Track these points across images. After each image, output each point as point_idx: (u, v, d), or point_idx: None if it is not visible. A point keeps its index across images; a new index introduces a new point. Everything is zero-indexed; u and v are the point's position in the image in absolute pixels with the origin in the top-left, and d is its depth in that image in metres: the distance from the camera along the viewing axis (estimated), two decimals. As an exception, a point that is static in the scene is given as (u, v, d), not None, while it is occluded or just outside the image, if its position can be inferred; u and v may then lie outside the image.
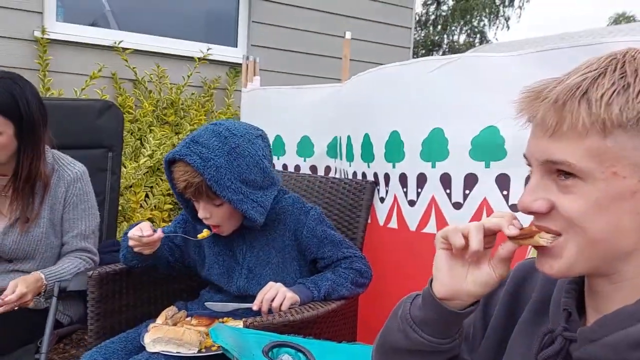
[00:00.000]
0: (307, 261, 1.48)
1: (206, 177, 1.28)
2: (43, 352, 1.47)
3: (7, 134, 1.52)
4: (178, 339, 1.24)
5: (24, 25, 2.96)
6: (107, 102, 2.17)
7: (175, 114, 3.17)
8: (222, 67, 3.55)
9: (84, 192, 1.71)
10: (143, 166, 2.74)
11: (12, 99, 1.51)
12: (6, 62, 2.86)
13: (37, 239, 1.63)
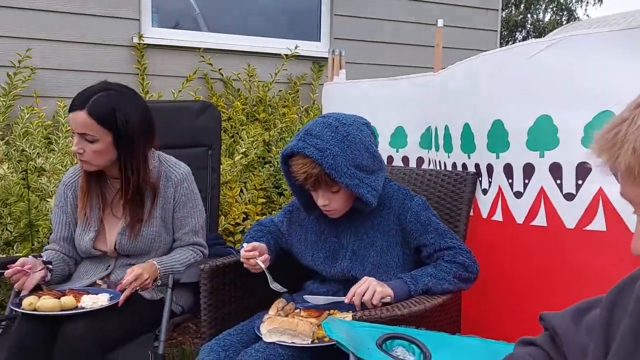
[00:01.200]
0: (411, 248, 1.48)
1: (324, 166, 1.34)
2: (162, 340, 1.57)
3: (104, 142, 1.61)
4: (292, 330, 1.27)
5: (124, 32, 3.16)
6: (205, 102, 2.27)
7: (264, 111, 3.26)
8: (306, 62, 3.60)
9: (190, 190, 1.81)
10: (238, 163, 2.84)
11: (112, 111, 1.60)
12: (109, 68, 3.07)
13: (151, 237, 1.74)
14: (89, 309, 1.49)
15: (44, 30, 2.96)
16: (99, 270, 1.76)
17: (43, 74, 2.93)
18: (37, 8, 2.95)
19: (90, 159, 1.61)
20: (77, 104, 1.59)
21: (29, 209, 2.38)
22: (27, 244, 2.39)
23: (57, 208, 1.80)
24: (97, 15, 3.09)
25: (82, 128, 1.58)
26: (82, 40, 3.06)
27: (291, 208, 1.65)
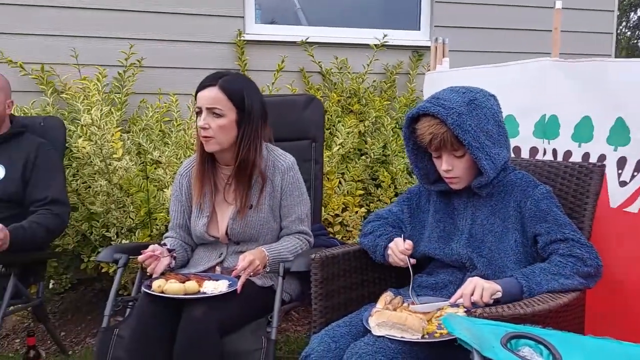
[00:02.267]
0: (528, 237, 1.44)
1: (449, 122, 1.38)
2: (274, 327, 1.63)
3: (229, 118, 1.72)
4: (401, 324, 1.26)
5: (228, 29, 3.28)
6: (310, 96, 2.30)
7: (359, 103, 3.25)
8: (404, 51, 3.53)
9: (296, 179, 1.86)
10: (336, 154, 2.86)
11: (241, 90, 1.74)
12: (212, 64, 3.20)
13: (259, 223, 1.81)
14: (209, 294, 1.57)
15: (153, 30, 3.15)
16: (212, 257, 1.85)
17: (153, 72, 3.13)
18: (145, 10, 3.15)
19: (215, 134, 1.71)
20: (208, 82, 1.73)
21: (147, 198, 2.56)
22: (146, 230, 2.58)
23: (173, 197, 1.92)
24: (202, 15, 3.23)
25: (212, 102, 1.70)
26: (188, 39, 3.21)
27: (409, 195, 1.68)
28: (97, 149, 2.50)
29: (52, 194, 2.19)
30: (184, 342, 1.52)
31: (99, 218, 2.61)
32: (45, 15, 3.00)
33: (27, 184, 2.18)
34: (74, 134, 2.64)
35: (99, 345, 1.66)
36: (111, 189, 2.53)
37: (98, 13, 3.07)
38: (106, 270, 2.67)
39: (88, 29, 3.05)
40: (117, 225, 2.58)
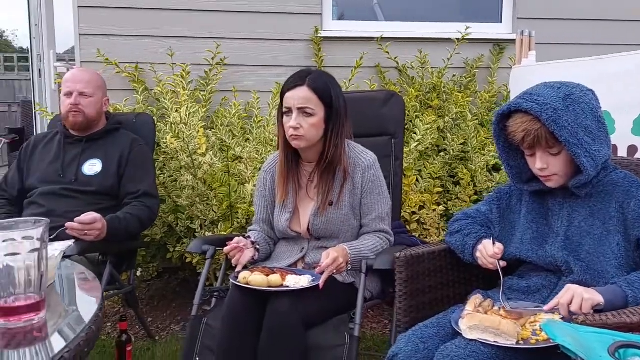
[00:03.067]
0: (631, 241, 1.35)
1: (544, 118, 1.32)
2: (357, 323, 1.63)
3: (319, 116, 1.74)
4: (495, 329, 1.22)
5: (305, 26, 3.31)
6: (390, 92, 2.28)
7: (438, 98, 3.18)
8: (485, 45, 3.42)
9: (377, 177, 1.85)
10: (414, 150, 2.82)
11: (327, 87, 1.76)
12: (289, 62, 3.25)
13: (340, 220, 1.82)
14: (292, 288, 1.61)
15: (235, 29, 3.25)
16: (294, 252, 1.88)
17: (234, 70, 3.22)
18: (228, 10, 3.24)
19: (306, 133, 1.73)
20: (296, 81, 1.74)
21: (229, 192, 2.65)
22: (228, 223, 2.67)
23: (257, 193, 1.97)
24: (280, 13, 3.29)
25: (303, 102, 1.72)
26: (266, 37, 3.28)
27: (499, 195, 1.61)
28: (184, 145, 2.61)
29: (144, 188, 2.32)
30: (269, 334, 1.56)
31: (184, 210, 2.73)
32: (140, 16, 3.17)
33: (121, 177, 2.32)
34: (163, 130, 2.77)
35: (190, 333, 1.74)
36: (196, 183, 2.64)
37: (187, 14, 3.21)
38: (190, 260, 2.79)
39: (179, 30, 3.18)
40: (200, 217, 2.69)
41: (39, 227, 0.91)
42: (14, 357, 0.80)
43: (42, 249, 0.90)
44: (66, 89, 2.34)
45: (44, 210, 2.21)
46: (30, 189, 2.32)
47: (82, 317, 0.94)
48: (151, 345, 2.49)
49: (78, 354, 0.82)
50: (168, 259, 2.88)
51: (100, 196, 2.29)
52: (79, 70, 2.48)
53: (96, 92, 2.37)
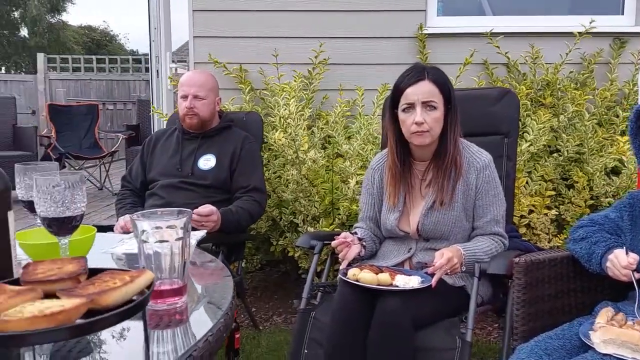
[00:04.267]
0: None
1: None
2: (469, 328, 1.59)
3: (441, 110, 1.72)
4: (634, 344, 1.13)
5: (409, 23, 3.27)
6: (504, 89, 2.19)
7: (552, 95, 3.00)
8: (604, 39, 3.17)
9: (492, 178, 1.78)
10: (525, 151, 2.69)
11: (446, 80, 1.74)
12: (392, 59, 3.23)
13: (451, 221, 1.77)
14: (402, 288, 1.59)
15: (338, 28, 3.28)
16: (401, 251, 1.87)
17: (337, 69, 3.25)
18: (331, 9, 3.28)
19: (431, 127, 1.70)
20: (417, 76, 1.71)
21: (332, 189, 2.69)
22: (329, 219, 2.71)
23: (364, 190, 1.97)
24: (383, 11, 3.27)
25: (427, 95, 1.69)
26: (369, 35, 3.28)
27: (631, 200, 1.50)
28: (291, 140, 2.68)
29: (253, 183, 2.42)
30: (378, 332, 1.56)
31: (288, 205, 2.81)
32: (247, 18, 3.30)
33: (233, 172, 2.44)
34: (270, 127, 2.87)
35: (298, 325, 1.78)
36: (300, 178, 2.71)
37: (292, 15, 3.29)
38: (292, 254, 2.87)
39: (284, 30, 3.28)
40: (303, 212, 2.75)
41: (182, 217, 0.97)
42: (162, 336, 0.86)
43: (186, 238, 0.97)
44: (182, 92, 2.49)
45: (164, 202, 2.38)
46: (151, 181, 2.50)
47: (218, 303, 1.00)
48: (256, 334, 2.59)
49: (219, 338, 0.87)
50: (271, 251, 2.99)
51: (214, 189, 2.42)
52: (194, 72, 2.62)
53: (209, 94, 2.49)
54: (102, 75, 9.88)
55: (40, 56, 9.54)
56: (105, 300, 0.70)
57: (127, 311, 0.71)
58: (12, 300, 0.69)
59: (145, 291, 0.77)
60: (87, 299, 0.68)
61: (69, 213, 1.05)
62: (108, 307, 0.71)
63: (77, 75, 9.86)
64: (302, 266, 2.87)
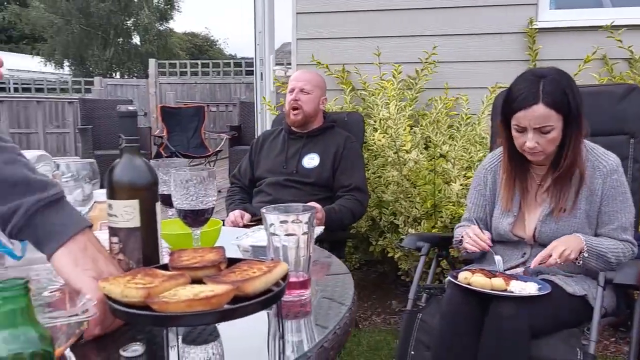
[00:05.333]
0: None
1: None
2: (592, 340, 1.49)
3: (557, 129, 1.60)
4: None
5: (518, 18, 3.13)
6: (630, 86, 2.03)
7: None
8: None
9: (620, 183, 1.66)
10: None
11: (563, 95, 1.58)
12: (500, 56, 3.11)
13: (573, 228, 1.66)
14: (517, 294, 1.53)
15: (443, 26, 3.21)
16: (514, 256, 1.79)
17: (442, 67, 3.19)
18: (435, 6, 3.22)
19: (544, 149, 1.62)
20: (529, 100, 1.57)
21: (434, 191, 2.64)
22: (431, 221, 2.67)
23: (475, 190, 1.91)
24: (490, 6, 3.16)
25: (540, 121, 1.57)
26: (474, 32, 3.18)
27: None
28: (391, 141, 2.67)
29: (355, 182, 2.44)
30: (491, 339, 1.51)
31: (388, 206, 2.80)
32: (350, 19, 3.34)
33: (335, 171, 2.47)
34: (371, 128, 2.88)
35: (404, 327, 1.77)
36: (401, 179, 2.69)
37: (396, 14, 3.28)
38: (391, 255, 2.85)
39: (388, 30, 3.28)
40: (404, 213, 2.73)
41: (307, 212, 1.01)
42: (290, 327, 0.90)
43: (310, 233, 1.00)
44: (290, 86, 2.59)
45: (271, 199, 2.46)
46: (259, 178, 2.60)
47: (340, 297, 1.02)
48: (356, 332, 2.61)
49: (346, 332, 0.89)
50: (370, 251, 2.99)
51: (317, 187, 2.47)
52: (303, 71, 2.72)
53: (315, 90, 2.56)
54: (205, 79, 10.46)
55: (152, 62, 10.30)
56: (248, 287, 0.74)
57: (268, 300, 0.74)
58: (167, 283, 0.75)
59: (280, 282, 0.81)
60: (233, 286, 0.72)
61: (202, 206, 1.12)
62: (249, 295, 0.75)
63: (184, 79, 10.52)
64: (402, 267, 2.85)
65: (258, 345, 0.84)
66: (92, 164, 1.32)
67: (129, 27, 20.24)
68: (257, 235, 1.39)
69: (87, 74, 17.87)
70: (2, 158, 0.76)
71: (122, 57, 19.93)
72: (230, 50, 34.91)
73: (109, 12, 18.43)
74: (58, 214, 0.78)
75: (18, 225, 0.75)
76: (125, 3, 19.07)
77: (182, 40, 23.68)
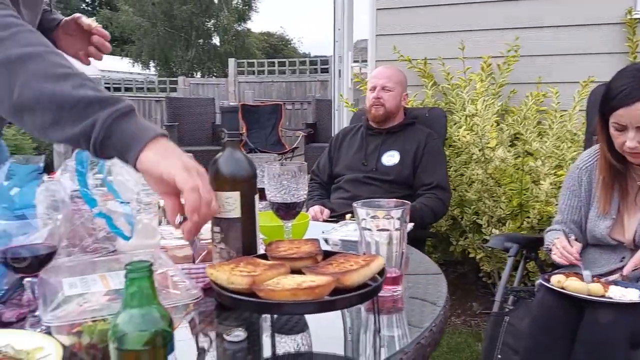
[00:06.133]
0: None
1: None
2: None
3: None
4: None
5: (615, 8, 2.92)
6: None
7: None
8: None
9: None
10: None
11: None
12: (595, 49, 2.92)
13: None
14: (617, 300, 1.43)
15: (530, 18, 3.06)
16: (611, 260, 1.68)
17: (529, 60, 3.04)
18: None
19: None
20: (633, 95, 1.48)
21: (521, 190, 2.53)
22: (516, 222, 2.56)
23: (568, 191, 1.81)
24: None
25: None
26: (566, 23, 3.01)
27: None
28: (477, 138, 2.59)
29: (437, 180, 2.39)
30: (587, 346, 1.43)
31: (471, 205, 2.72)
32: (433, 13, 3.28)
33: (416, 169, 2.44)
34: (454, 124, 2.81)
35: (491, 329, 1.72)
36: (486, 177, 2.60)
37: (482, 7, 3.18)
38: (473, 255, 2.77)
39: (472, 23, 3.18)
40: (488, 213, 2.64)
41: (399, 208, 1.00)
42: (384, 322, 0.90)
43: (403, 229, 0.99)
44: (371, 84, 2.58)
45: (349, 195, 2.47)
46: (337, 175, 2.62)
47: (433, 296, 1.00)
48: (435, 332, 2.57)
49: (440, 330, 0.88)
50: (450, 251, 2.92)
51: (396, 185, 2.44)
52: (384, 67, 2.70)
53: (396, 87, 2.53)
54: (282, 77, 10.66)
55: (231, 61, 10.64)
56: (347, 280, 0.75)
57: (367, 293, 0.75)
58: (269, 272, 0.77)
59: (377, 277, 0.81)
60: (334, 278, 0.73)
61: (294, 199, 1.14)
62: (347, 288, 0.75)
63: (261, 78, 10.79)
64: (484, 269, 2.76)
65: (341, 336, 0.85)
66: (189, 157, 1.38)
67: (209, 29, 21.04)
68: (345, 229, 1.40)
69: (171, 73, 18.80)
70: (71, 83, 0.79)
71: (203, 57, 20.76)
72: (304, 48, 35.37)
73: (191, 14, 19.25)
74: (133, 123, 0.80)
75: (99, 138, 0.78)
76: (206, 5, 19.85)
77: (258, 40, 24.28)
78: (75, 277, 0.82)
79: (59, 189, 0.91)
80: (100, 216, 0.93)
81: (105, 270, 0.89)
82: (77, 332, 0.69)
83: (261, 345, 0.80)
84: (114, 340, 0.58)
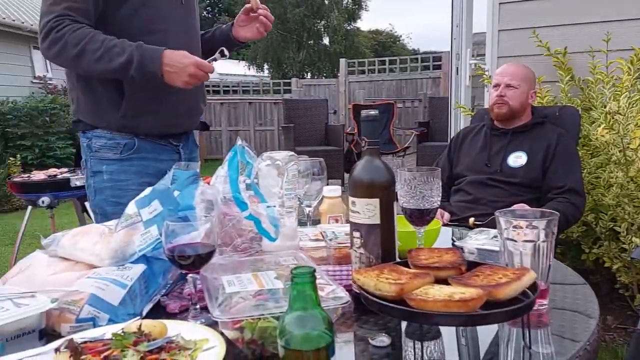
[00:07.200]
0: None
1: None
2: None
3: None
4: None
5: None
6: None
7: None
8: None
9: None
10: None
11: None
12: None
13: None
14: None
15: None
16: None
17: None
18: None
19: None
20: None
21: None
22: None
23: None
24: None
25: None
26: None
27: None
28: (618, 138, 2.37)
29: (570, 183, 2.23)
30: None
31: (607, 210, 2.51)
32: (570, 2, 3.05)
33: (546, 171, 2.29)
34: (592, 122, 2.60)
35: (635, 347, 1.58)
36: (627, 181, 2.38)
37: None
38: (608, 265, 2.55)
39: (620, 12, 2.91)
40: (627, 220, 2.41)
41: (545, 219, 0.95)
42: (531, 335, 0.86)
43: (550, 240, 0.94)
44: (494, 81, 2.47)
45: (471, 198, 2.39)
46: (458, 176, 2.54)
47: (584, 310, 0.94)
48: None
49: (595, 349, 0.82)
50: (581, 259, 2.72)
51: (523, 188, 2.32)
52: (509, 64, 2.56)
53: (522, 84, 2.40)
54: (392, 75, 10.60)
55: (342, 61, 10.79)
56: (500, 293, 0.73)
57: (520, 309, 0.72)
58: (415, 281, 0.78)
59: (526, 291, 0.78)
60: (485, 291, 0.72)
61: (427, 205, 1.14)
62: (499, 301, 0.73)
63: (371, 77, 10.81)
64: (622, 280, 2.52)
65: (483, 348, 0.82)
66: (321, 162, 1.43)
67: (319, 29, 21.49)
68: (480, 238, 1.36)
69: (283, 75, 19.49)
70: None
71: (313, 58, 21.26)
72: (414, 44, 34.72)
73: (303, 16, 19.80)
74: None
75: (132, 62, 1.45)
76: (317, 7, 20.29)
77: (367, 39, 24.31)
78: (231, 275, 0.89)
79: (214, 193, 0.99)
80: (249, 218, 1.00)
81: (251, 269, 0.96)
82: (239, 327, 0.75)
83: (406, 352, 0.81)
84: (281, 339, 0.62)
